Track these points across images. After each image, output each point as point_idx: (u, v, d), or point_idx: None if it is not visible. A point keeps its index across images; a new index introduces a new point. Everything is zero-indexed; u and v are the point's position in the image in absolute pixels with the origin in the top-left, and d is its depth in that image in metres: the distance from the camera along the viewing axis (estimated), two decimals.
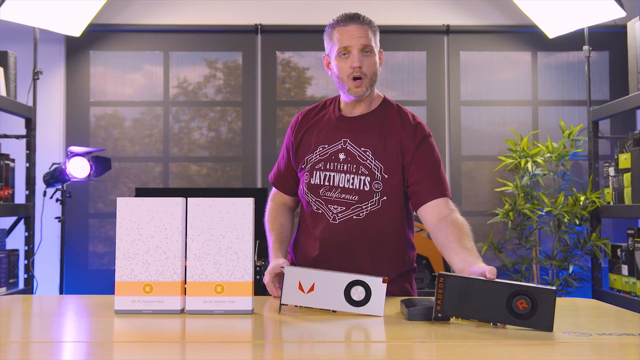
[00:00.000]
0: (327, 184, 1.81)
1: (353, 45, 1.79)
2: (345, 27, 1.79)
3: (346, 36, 1.79)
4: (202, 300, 1.40)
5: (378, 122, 1.85)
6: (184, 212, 1.43)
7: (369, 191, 1.78)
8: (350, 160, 1.80)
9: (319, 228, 1.81)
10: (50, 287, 3.86)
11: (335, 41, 1.80)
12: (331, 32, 1.82)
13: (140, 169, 4.20)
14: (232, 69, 4.26)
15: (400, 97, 4.25)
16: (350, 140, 1.82)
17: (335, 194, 1.79)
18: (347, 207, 1.78)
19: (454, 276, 1.30)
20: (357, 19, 1.81)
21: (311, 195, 1.82)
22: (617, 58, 4.17)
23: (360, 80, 1.80)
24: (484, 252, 3.91)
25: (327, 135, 1.85)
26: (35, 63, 3.58)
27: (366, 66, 1.81)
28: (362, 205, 1.78)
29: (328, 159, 1.82)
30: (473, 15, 4.23)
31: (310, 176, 1.83)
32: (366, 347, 1.22)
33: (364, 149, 1.81)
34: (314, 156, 1.84)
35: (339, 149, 1.83)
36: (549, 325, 1.25)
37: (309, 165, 1.84)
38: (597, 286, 3.56)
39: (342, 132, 1.84)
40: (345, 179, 1.79)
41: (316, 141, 1.86)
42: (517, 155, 3.72)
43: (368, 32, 1.81)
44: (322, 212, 1.81)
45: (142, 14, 4.18)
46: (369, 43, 1.81)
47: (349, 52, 1.79)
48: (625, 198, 3.22)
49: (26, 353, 1.13)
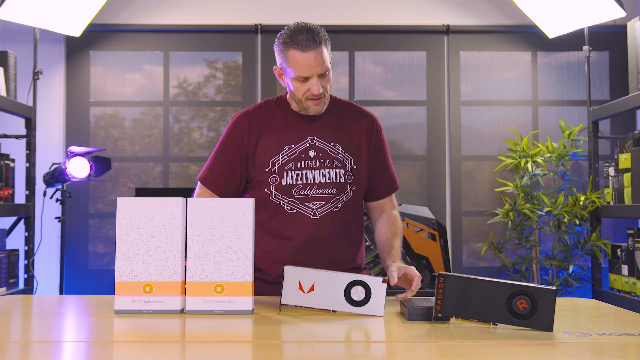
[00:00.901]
0: (299, 183, 1.82)
1: (312, 74, 1.75)
2: (303, 54, 1.73)
3: (305, 65, 1.74)
4: (202, 300, 1.40)
5: (339, 117, 1.90)
6: (184, 212, 1.43)
7: (344, 183, 1.85)
8: (322, 155, 1.84)
9: (296, 227, 1.82)
10: (50, 287, 3.86)
11: (291, 66, 1.76)
12: (285, 51, 1.76)
13: (140, 169, 4.20)
14: (232, 69, 4.26)
15: (400, 97, 4.25)
16: (318, 137, 1.86)
17: (312, 191, 1.83)
18: (327, 200, 1.83)
19: (454, 276, 1.30)
20: (313, 42, 1.73)
21: (283, 197, 1.83)
22: (617, 58, 4.16)
23: (319, 100, 1.81)
24: (484, 252, 3.92)
25: (291, 135, 1.85)
26: (35, 63, 3.58)
27: (324, 87, 1.80)
28: (339, 197, 1.85)
29: (297, 158, 1.84)
30: (473, 15, 4.23)
31: (280, 177, 1.83)
32: (366, 347, 1.22)
33: (333, 143, 1.86)
34: (280, 157, 1.84)
35: (307, 147, 1.85)
36: (549, 325, 1.25)
37: (275, 167, 1.83)
38: (597, 286, 3.56)
39: (307, 131, 1.86)
40: (321, 175, 1.83)
41: (278, 142, 1.85)
42: (517, 155, 3.72)
43: (324, 54, 1.75)
44: (299, 211, 1.83)
45: (142, 14, 4.18)
46: (326, 68, 1.77)
47: (307, 79, 1.77)
48: (625, 198, 3.22)
49: (26, 353, 1.13)
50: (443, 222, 4.04)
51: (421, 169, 4.17)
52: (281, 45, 1.78)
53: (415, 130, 4.22)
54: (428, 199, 4.12)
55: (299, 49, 1.73)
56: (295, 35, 1.74)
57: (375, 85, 4.26)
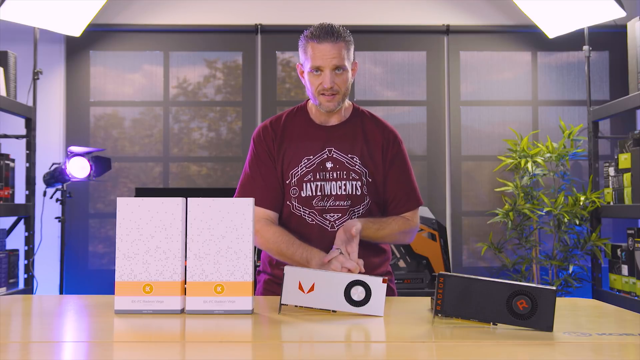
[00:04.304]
0: (319, 194, 1.83)
1: (325, 65, 1.79)
2: (319, 45, 1.78)
3: (319, 55, 1.78)
4: (202, 300, 1.40)
5: (358, 129, 1.90)
6: (184, 212, 1.43)
7: (360, 195, 1.84)
8: (339, 167, 1.85)
9: (316, 240, 1.81)
10: (50, 287, 3.86)
11: (309, 57, 1.80)
12: (305, 45, 1.82)
13: (140, 169, 4.20)
14: (232, 69, 4.26)
15: (400, 97, 4.25)
16: (336, 149, 1.86)
17: (329, 202, 1.83)
18: (343, 213, 1.83)
19: (454, 276, 1.30)
20: (332, 35, 1.78)
21: (304, 209, 1.83)
22: (617, 58, 4.16)
23: (333, 96, 1.82)
24: (484, 252, 3.92)
25: (309, 145, 1.86)
26: (35, 63, 3.58)
27: (338, 84, 1.82)
28: (355, 209, 1.84)
29: (316, 169, 1.84)
30: (473, 15, 4.23)
31: (300, 189, 1.83)
32: (366, 347, 1.22)
33: (350, 155, 1.86)
34: (299, 169, 1.85)
35: (324, 158, 1.86)
36: (549, 325, 1.25)
37: (295, 179, 1.84)
38: (597, 286, 3.56)
39: (324, 142, 1.87)
40: (337, 186, 1.83)
41: (297, 153, 1.86)
42: (517, 155, 3.72)
43: (341, 51, 1.79)
44: (317, 223, 1.83)
45: (142, 14, 4.18)
46: (342, 63, 1.79)
47: (321, 70, 1.80)
48: (625, 198, 3.22)
49: (26, 353, 1.13)
50: (443, 222, 4.04)
51: (421, 169, 4.17)
52: (303, 40, 1.83)
53: (415, 130, 4.22)
54: (428, 199, 4.12)
55: (316, 41, 1.79)
56: (316, 30, 1.80)
57: (375, 85, 4.26)
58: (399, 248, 3.42)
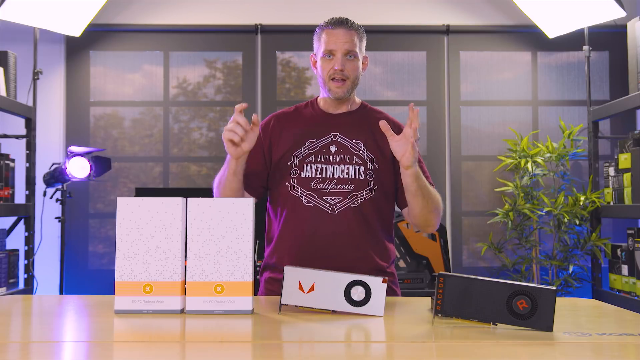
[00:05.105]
0: (318, 177, 1.84)
1: (338, 49, 1.85)
2: (333, 31, 1.87)
3: (332, 39, 1.86)
4: (202, 300, 1.40)
5: (365, 119, 1.93)
6: (184, 212, 1.43)
7: (364, 180, 1.85)
8: (342, 151, 1.86)
9: (315, 222, 1.82)
10: (50, 287, 3.86)
11: (322, 42, 1.88)
12: (320, 33, 1.90)
13: (140, 169, 4.20)
14: (232, 69, 4.26)
15: (400, 97, 4.25)
16: (341, 134, 1.89)
17: (331, 185, 1.83)
18: (344, 196, 1.83)
19: (454, 276, 1.30)
20: (345, 23, 1.88)
21: (302, 190, 1.84)
22: (617, 58, 4.16)
23: (343, 82, 1.86)
24: (484, 252, 3.92)
25: (314, 129, 1.89)
26: (35, 63, 3.58)
27: (348, 70, 1.87)
28: (357, 193, 1.84)
29: (319, 152, 1.87)
30: (473, 15, 4.23)
31: (300, 170, 1.85)
32: (366, 347, 1.22)
33: (355, 140, 1.88)
34: (302, 151, 1.87)
35: (329, 142, 1.88)
36: (549, 325, 1.25)
37: (296, 160, 1.86)
38: (597, 286, 3.56)
39: (330, 127, 1.90)
40: (340, 170, 1.84)
41: (301, 136, 1.88)
42: (517, 155, 3.72)
43: (354, 38, 1.87)
44: (316, 205, 1.83)
45: (142, 14, 4.18)
46: (353, 48, 1.87)
47: (333, 54, 1.86)
48: (625, 198, 3.22)
49: (26, 353, 1.13)
50: (443, 222, 4.04)
51: None
52: (318, 30, 1.92)
53: None
54: None
55: (330, 27, 1.87)
56: (331, 19, 1.90)
57: (375, 85, 4.26)
58: (399, 248, 3.42)
